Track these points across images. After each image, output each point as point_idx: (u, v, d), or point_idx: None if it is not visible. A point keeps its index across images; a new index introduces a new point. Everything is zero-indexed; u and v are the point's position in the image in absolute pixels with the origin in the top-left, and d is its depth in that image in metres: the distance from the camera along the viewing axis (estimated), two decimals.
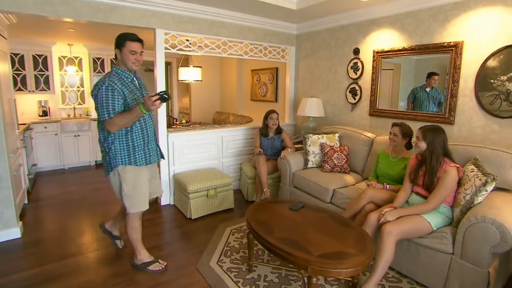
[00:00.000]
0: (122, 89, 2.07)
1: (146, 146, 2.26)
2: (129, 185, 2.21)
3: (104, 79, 2.07)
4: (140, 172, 2.25)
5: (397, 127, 2.66)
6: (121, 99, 2.06)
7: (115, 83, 2.05)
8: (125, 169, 2.18)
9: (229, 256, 2.57)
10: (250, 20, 3.95)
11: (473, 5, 2.66)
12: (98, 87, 2.04)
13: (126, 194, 2.22)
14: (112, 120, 2.02)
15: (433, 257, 2.10)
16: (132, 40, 2.13)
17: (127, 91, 2.10)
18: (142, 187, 2.27)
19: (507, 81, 2.50)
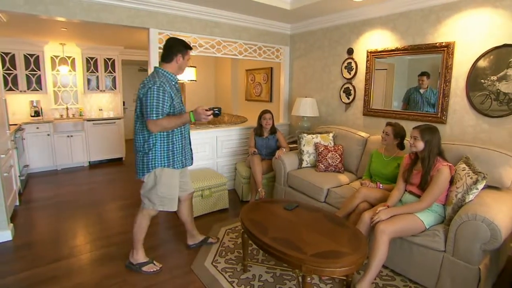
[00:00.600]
0: (170, 91, 2.10)
1: (183, 149, 2.30)
2: (164, 187, 2.22)
3: (153, 79, 2.07)
4: (175, 174, 2.28)
5: (390, 127, 2.69)
6: (169, 101, 2.08)
7: (165, 85, 2.07)
8: (163, 171, 2.20)
9: (223, 256, 2.57)
10: (244, 20, 3.95)
11: (463, 6, 2.70)
12: (149, 86, 2.04)
13: (159, 195, 2.23)
14: (159, 121, 2.03)
15: (425, 255, 2.12)
16: (190, 48, 2.24)
17: (173, 93, 2.13)
18: (176, 188, 2.31)
19: (497, 81, 2.54)
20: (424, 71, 3.09)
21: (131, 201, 3.83)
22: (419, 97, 3.15)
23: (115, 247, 2.72)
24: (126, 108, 8.05)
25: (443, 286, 2.03)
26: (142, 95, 2.06)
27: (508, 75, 2.47)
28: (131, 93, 8.36)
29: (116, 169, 5.42)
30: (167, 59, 2.19)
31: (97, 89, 5.83)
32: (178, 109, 2.18)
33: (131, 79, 8.26)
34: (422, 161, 2.21)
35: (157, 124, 2.02)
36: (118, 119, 5.85)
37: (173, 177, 2.26)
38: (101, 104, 6.15)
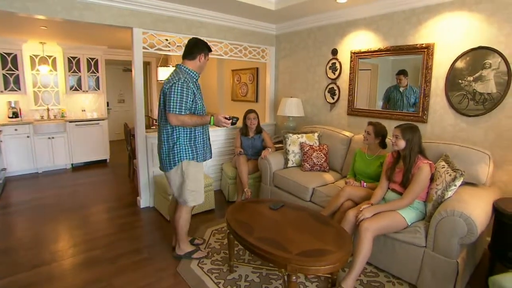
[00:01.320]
0: (192, 88, 2.22)
1: (205, 143, 2.42)
2: (192, 180, 2.33)
3: (177, 76, 2.18)
4: (200, 167, 2.40)
5: (371, 126, 2.73)
6: (192, 97, 2.20)
7: (188, 82, 2.19)
8: (189, 164, 2.31)
9: (210, 258, 2.55)
10: (229, 20, 3.94)
11: (442, 10, 2.78)
12: (173, 82, 2.14)
13: (189, 189, 2.33)
14: (181, 117, 2.15)
15: (407, 251, 2.18)
16: (210, 50, 2.40)
17: (195, 90, 2.26)
18: (202, 181, 2.44)
19: (473, 82, 2.63)
20: (401, 70, 3.16)
21: (117, 203, 3.76)
22: (399, 96, 3.22)
23: (99, 251, 2.66)
24: (110, 109, 7.88)
25: (424, 280, 2.09)
26: (167, 90, 2.17)
27: (483, 76, 2.56)
28: (115, 94, 8.20)
29: (101, 171, 5.31)
30: (189, 56, 2.30)
31: (80, 90, 5.69)
32: (200, 105, 2.29)
33: (115, 79, 8.11)
34: (403, 159, 2.26)
35: (178, 119, 2.14)
36: (102, 120, 5.73)
37: (198, 171, 2.38)
38: (84, 105, 6.00)
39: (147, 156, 3.53)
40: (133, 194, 4.01)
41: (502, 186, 2.52)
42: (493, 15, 2.49)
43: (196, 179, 2.36)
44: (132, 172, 4.68)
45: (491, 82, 2.53)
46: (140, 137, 3.48)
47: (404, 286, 2.21)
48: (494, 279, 1.48)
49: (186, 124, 2.19)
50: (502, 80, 2.47)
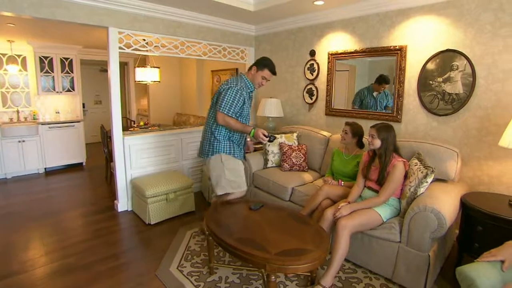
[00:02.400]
0: (245, 97, 2.47)
1: (240, 143, 2.66)
2: (231, 171, 2.54)
3: (236, 81, 2.46)
4: (237, 161, 2.62)
5: (348, 126, 2.78)
6: (241, 104, 2.45)
7: (243, 90, 2.44)
8: (228, 157, 2.55)
9: (189, 260, 2.52)
10: (208, 20, 3.92)
11: (413, 13, 2.89)
12: (231, 85, 2.42)
13: (227, 179, 2.53)
14: (227, 118, 2.40)
15: (383, 247, 2.24)
16: (270, 70, 2.55)
17: (246, 99, 2.49)
18: (242, 171, 2.63)
19: (442, 83, 2.74)
20: (384, 78, 3.21)
21: (93, 208, 3.63)
22: (373, 101, 3.31)
23: (73, 258, 2.56)
24: (86, 111, 7.63)
25: (399, 273, 2.16)
26: (223, 90, 2.43)
27: (451, 77, 2.68)
28: (91, 95, 7.94)
29: (77, 175, 5.11)
30: (249, 68, 2.60)
31: (53, 91, 5.46)
32: (246, 113, 2.54)
33: (92, 80, 7.84)
34: (379, 157, 2.32)
35: (224, 119, 2.40)
36: (77, 122, 5.52)
37: (236, 164, 2.59)
38: (58, 107, 5.76)
39: (124, 158, 3.44)
40: (110, 198, 3.89)
41: (468, 181, 2.64)
42: (458, 20, 2.61)
43: (235, 170, 2.57)
44: (109, 175, 4.55)
45: (459, 83, 2.65)
46: (117, 139, 3.39)
47: (380, 281, 2.28)
48: (460, 269, 1.54)
49: (229, 126, 2.43)
50: (468, 81, 2.59)
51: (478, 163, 2.60)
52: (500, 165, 2.45)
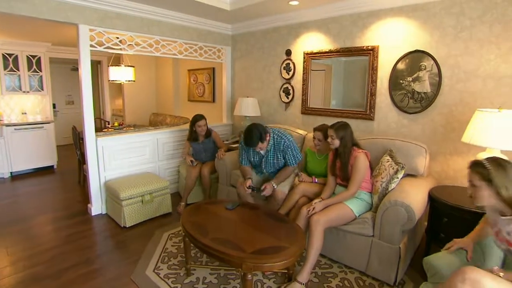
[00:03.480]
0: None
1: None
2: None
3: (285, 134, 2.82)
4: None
5: (318, 132, 2.73)
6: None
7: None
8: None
9: (166, 262, 2.48)
10: (183, 19, 3.86)
11: (383, 15, 2.98)
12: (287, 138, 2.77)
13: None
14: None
15: (357, 241, 2.30)
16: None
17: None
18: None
19: (412, 82, 2.85)
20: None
21: (64, 213, 3.48)
22: None
23: (41, 267, 2.43)
24: (57, 111, 7.31)
25: (372, 266, 2.23)
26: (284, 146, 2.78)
27: (420, 76, 2.80)
28: (63, 95, 7.61)
29: (47, 179, 4.89)
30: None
31: (19, 90, 5.19)
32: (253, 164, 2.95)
33: (63, 79, 7.52)
34: (340, 155, 2.40)
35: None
36: (47, 124, 5.27)
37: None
38: (25, 107, 5.48)
39: (97, 160, 3.33)
40: (83, 202, 3.75)
41: (436, 176, 2.78)
42: (425, 23, 2.73)
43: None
44: (82, 178, 4.39)
45: (426, 82, 2.77)
46: (90, 140, 3.27)
47: (355, 274, 2.34)
48: (426, 259, 1.62)
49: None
50: (435, 80, 2.71)
51: (444, 158, 2.73)
52: (463, 159, 2.59)
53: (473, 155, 2.34)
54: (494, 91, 2.43)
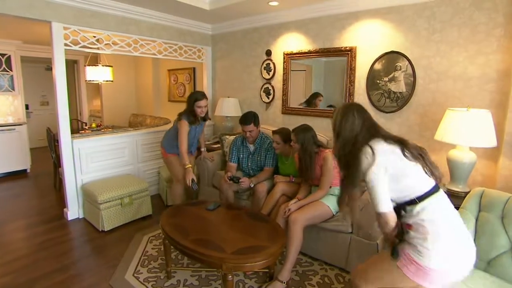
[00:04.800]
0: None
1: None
2: None
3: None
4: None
5: (277, 135, 2.72)
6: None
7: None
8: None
9: (146, 266, 2.44)
10: (162, 18, 3.81)
11: (360, 16, 3.06)
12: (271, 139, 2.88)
13: None
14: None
15: (337, 239, 2.36)
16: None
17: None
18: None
19: (388, 82, 2.94)
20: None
21: (38, 218, 3.35)
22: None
23: (12, 276, 2.32)
24: (30, 112, 7.02)
25: (351, 262, 2.29)
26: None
27: (395, 76, 2.89)
28: (37, 95, 7.31)
29: (19, 184, 4.68)
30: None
31: None
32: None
33: (37, 79, 7.22)
34: (301, 159, 2.45)
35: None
36: (20, 125, 5.06)
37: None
38: None
39: (74, 163, 3.23)
40: (59, 206, 3.63)
41: None
42: (400, 25, 2.82)
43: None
44: (58, 181, 4.24)
45: (402, 82, 2.86)
46: (65, 143, 3.17)
47: (335, 271, 2.39)
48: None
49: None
50: (410, 81, 2.81)
51: None
52: (436, 156, 2.69)
53: (445, 152, 2.44)
54: (463, 91, 2.55)
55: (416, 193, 1.32)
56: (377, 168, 1.28)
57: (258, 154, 3.01)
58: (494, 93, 2.41)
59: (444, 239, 1.26)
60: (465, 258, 1.29)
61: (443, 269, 1.25)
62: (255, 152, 3.03)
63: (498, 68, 2.38)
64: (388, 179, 1.29)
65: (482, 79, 2.45)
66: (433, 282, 1.26)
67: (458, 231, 1.31)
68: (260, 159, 2.98)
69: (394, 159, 1.31)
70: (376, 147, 1.31)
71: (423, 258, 1.25)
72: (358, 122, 1.39)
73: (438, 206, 1.32)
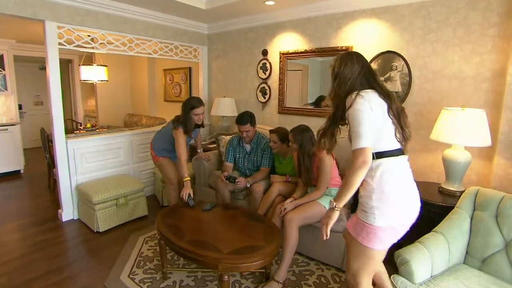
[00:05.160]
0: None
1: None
2: None
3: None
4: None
5: (274, 134, 2.72)
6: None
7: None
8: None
9: (142, 267, 2.43)
10: (158, 17, 3.80)
11: (357, 16, 3.07)
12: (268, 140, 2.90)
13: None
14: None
15: (333, 238, 2.33)
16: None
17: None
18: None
19: (384, 82, 2.96)
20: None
21: (32, 219, 3.32)
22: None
23: (5, 278, 2.30)
24: (24, 113, 6.95)
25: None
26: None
27: (391, 76, 2.91)
28: (31, 95, 7.24)
29: (12, 185, 4.63)
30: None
31: None
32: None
33: (31, 78, 7.15)
34: (300, 160, 2.45)
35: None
36: (13, 126, 5.01)
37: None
38: None
39: (68, 163, 3.21)
40: (53, 207, 3.60)
41: None
42: (395, 24, 2.84)
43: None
44: (52, 182, 4.21)
45: (398, 82, 2.88)
46: (59, 143, 3.15)
47: (331, 271, 2.40)
48: (397, 252, 1.70)
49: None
50: (405, 81, 2.83)
51: (415, 155, 2.85)
52: (432, 155, 2.72)
53: (441, 151, 2.46)
54: (459, 90, 2.57)
55: (377, 149, 1.37)
56: (366, 103, 1.35)
57: (254, 154, 3.01)
58: (489, 92, 2.43)
59: (389, 200, 1.33)
60: (408, 219, 1.40)
61: (386, 227, 1.34)
62: (252, 152, 3.03)
63: (493, 68, 2.40)
64: (371, 120, 1.34)
65: (477, 78, 2.48)
66: (379, 241, 1.36)
67: (407, 195, 1.40)
68: (257, 159, 2.98)
69: (379, 113, 1.38)
70: (369, 95, 1.38)
71: (369, 217, 1.36)
72: (357, 66, 1.45)
73: (392, 167, 1.37)
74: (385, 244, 1.40)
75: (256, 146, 3.01)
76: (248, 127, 2.90)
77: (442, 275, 1.69)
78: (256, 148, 3.02)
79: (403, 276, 1.63)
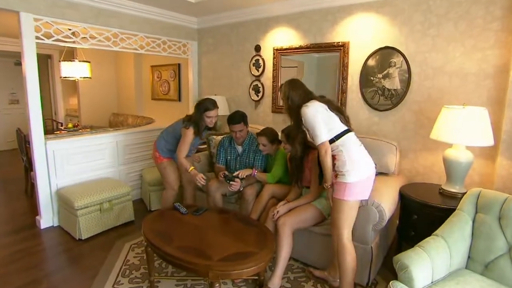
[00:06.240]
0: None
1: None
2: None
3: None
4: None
5: (263, 137, 2.70)
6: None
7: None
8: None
9: (127, 276, 2.40)
10: (144, 10, 3.77)
11: (354, 10, 3.09)
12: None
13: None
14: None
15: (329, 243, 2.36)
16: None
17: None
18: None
19: (382, 79, 2.98)
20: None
21: (8, 227, 3.25)
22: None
23: None
24: None
25: None
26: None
27: (390, 73, 2.93)
28: (5, 93, 7.12)
29: None
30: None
31: None
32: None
33: (5, 75, 7.04)
34: (292, 160, 2.47)
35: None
36: None
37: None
38: None
39: (48, 166, 3.16)
40: (31, 214, 3.53)
41: (407, 173, 2.92)
42: (394, 18, 2.87)
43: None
44: (29, 187, 4.13)
45: (396, 79, 2.91)
46: (38, 144, 3.09)
47: None
48: (396, 257, 1.71)
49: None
50: (404, 77, 2.85)
51: (414, 155, 2.88)
52: (432, 155, 2.75)
53: (441, 151, 2.48)
54: (460, 88, 2.60)
55: (335, 134, 1.97)
56: (313, 110, 1.99)
57: (246, 156, 3.00)
58: (492, 89, 2.46)
59: (354, 162, 1.93)
60: (369, 171, 2.00)
61: (357, 181, 1.91)
62: (243, 154, 3.02)
63: (496, 64, 2.43)
64: (321, 120, 1.96)
65: (479, 75, 2.51)
66: (353, 194, 1.92)
67: (363, 155, 2.01)
68: (249, 161, 2.97)
69: (323, 111, 2.00)
70: (312, 103, 2.03)
71: (345, 176, 1.91)
72: (300, 90, 2.11)
73: (349, 140, 1.99)
74: (358, 195, 1.96)
75: (248, 147, 3.00)
76: (241, 126, 2.88)
77: (443, 280, 1.70)
78: (248, 150, 3.00)
79: (402, 282, 1.63)
